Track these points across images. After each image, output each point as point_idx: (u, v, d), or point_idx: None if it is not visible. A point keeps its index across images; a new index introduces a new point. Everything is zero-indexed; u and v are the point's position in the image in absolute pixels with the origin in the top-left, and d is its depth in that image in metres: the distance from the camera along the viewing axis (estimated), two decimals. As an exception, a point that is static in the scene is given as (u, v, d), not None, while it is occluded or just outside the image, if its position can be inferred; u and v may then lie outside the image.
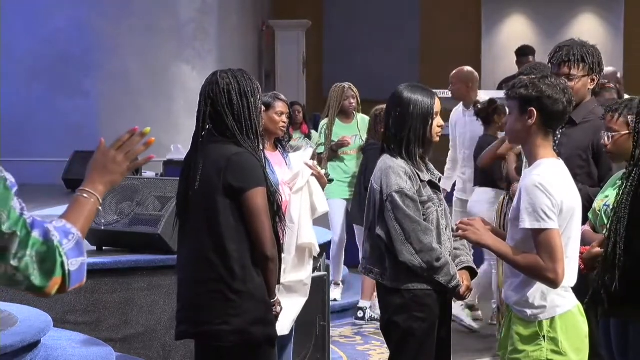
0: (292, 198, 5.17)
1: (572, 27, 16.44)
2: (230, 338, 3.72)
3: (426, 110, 4.20)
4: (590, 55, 4.69)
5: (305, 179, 5.24)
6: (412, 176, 4.13)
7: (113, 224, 5.94)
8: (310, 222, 5.28)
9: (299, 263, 5.21)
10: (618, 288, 3.65)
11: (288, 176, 5.23)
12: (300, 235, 5.16)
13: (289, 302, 5.13)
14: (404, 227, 4.06)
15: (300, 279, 5.22)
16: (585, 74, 4.69)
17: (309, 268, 5.30)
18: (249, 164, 3.75)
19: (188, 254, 3.83)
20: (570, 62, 4.66)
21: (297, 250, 5.16)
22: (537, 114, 3.51)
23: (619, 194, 3.74)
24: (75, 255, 2.31)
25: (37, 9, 13.48)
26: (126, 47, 13.38)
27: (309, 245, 5.22)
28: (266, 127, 5.21)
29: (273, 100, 5.27)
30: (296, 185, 5.19)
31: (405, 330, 4.13)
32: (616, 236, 3.67)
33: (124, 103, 13.35)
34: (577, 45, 4.71)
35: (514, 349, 3.55)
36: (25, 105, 13.43)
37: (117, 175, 2.53)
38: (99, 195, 2.48)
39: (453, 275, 4.12)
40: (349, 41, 16.93)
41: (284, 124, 5.29)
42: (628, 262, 3.64)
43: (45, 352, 4.77)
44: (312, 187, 5.28)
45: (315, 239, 5.30)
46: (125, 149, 2.56)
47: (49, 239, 2.27)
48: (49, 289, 2.28)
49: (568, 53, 4.67)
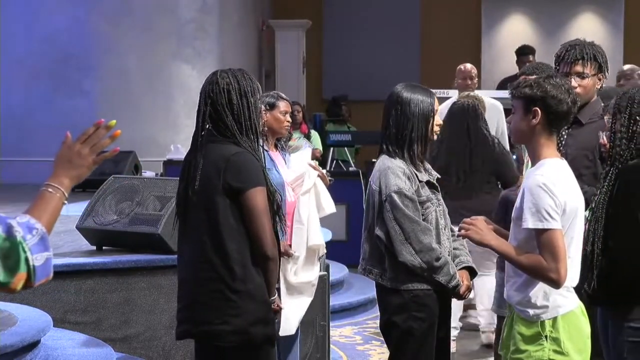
0: (301, 199, 5.20)
1: (572, 26, 16.43)
2: (230, 338, 3.72)
3: (427, 109, 4.19)
4: (600, 54, 4.72)
5: (313, 180, 5.26)
6: (410, 176, 4.13)
7: (113, 224, 5.94)
8: (319, 223, 5.30)
9: (308, 264, 5.24)
10: (596, 287, 3.66)
11: (290, 177, 5.24)
12: (310, 237, 5.19)
13: (296, 302, 5.15)
14: (403, 227, 4.06)
15: (309, 280, 5.25)
16: (595, 72, 4.71)
17: (316, 269, 5.33)
18: (249, 163, 3.74)
19: (188, 254, 3.82)
20: (584, 60, 4.67)
21: (307, 251, 5.19)
22: (541, 113, 3.51)
23: (597, 193, 3.75)
24: (39, 251, 2.30)
25: (37, 9, 13.47)
26: (126, 46, 13.38)
27: (318, 247, 5.25)
28: (270, 126, 5.24)
29: (276, 100, 5.29)
30: (304, 187, 5.22)
31: (404, 330, 4.13)
32: (594, 235, 3.69)
33: (124, 103, 13.35)
34: (587, 45, 4.73)
35: (516, 348, 3.55)
36: (25, 105, 13.43)
37: (82, 169, 2.52)
38: (64, 189, 2.46)
39: (453, 275, 4.11)
40: (349, 41, 16.93)
41: (288, 124, 5.32)
42: (605, 261, 3.65)
43: (45, 352, 4.77)
44: (318, 188, 5.32)
45: (323, 240, 5.34)
46: (91, 142, 2.55)
47: (12, 234, 2.26)
48: (13, 284, 2.28)
49: (581, 51, 4.69)
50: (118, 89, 13.37)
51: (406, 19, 17.01)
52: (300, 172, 5.26)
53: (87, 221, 6.05)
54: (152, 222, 5.80)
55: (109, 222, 5.95)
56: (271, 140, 5.32)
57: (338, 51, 17.02)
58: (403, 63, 16.64)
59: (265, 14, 16.50)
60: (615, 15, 16.67)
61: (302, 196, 5.21)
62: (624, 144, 3.70)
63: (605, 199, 3.68)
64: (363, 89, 15.98)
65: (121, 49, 13.37)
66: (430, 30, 16.91)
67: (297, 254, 5.13)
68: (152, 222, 5.80)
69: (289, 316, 5.14)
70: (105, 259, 5.74)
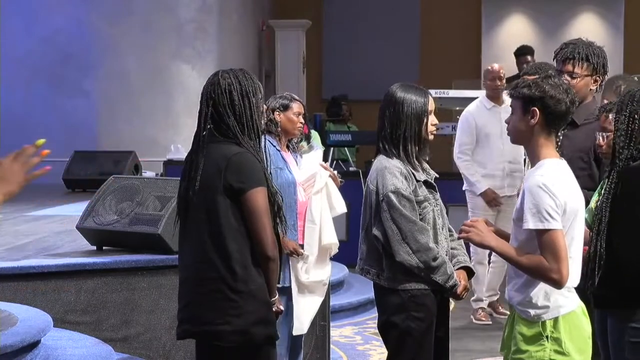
0: (313, 199, 5.25)
1: (572, 26, 16.43)
2: (231, 338, 3.71)
3: (420, 109, 4.20)
4: (595, 55, 4.68)
5: (324, 180, 5.32)
6: (407, 176, 4.13)
7: (113, 224, 5.94)
8: (331, 222, 5.35)
9: (320, 263, 5.28)
10: (601, 288, 3.66)
11: (301, 177, 5.29)
12: (323, 236, 5.24)
13: (308, 301, 5.19)
14: (401, 227, 4.06)
15: (321, 279, 5.30)
16: (588, 73, 4.68)
17: (328, 268, 5.38)
18: (249, 164, 3.74)
19: (189, 254, 3.82)
20: (575, 59, 4.65)
21: (320, 250, 5.23)
22: (539, 114, 3.51)
23: (600, 193, 3.75)
24: None
25: (37, 9, 13.47)
26: (126, 46, 13.38)
27: (331, 245, 5.30)
28: (284, 127, 5.34)
29: (290, 102, 5.39)
30: (315, 187, 5.27)
31: (403, 330, 4.13)
32: (597, 236, 3.68)
33: (124, 103, 13.35)
34: (583, 45, 4.71)
35: (517, 349, 3.55)
36: (25, 105, 13.43)
37: (14, 185, 2.56)
38: None
39: (450, 275, 4.11)
40: (349, 41, 16.93)
41: (301, 125, 5.39)
42: (608, 262, 3.65)
43: (45, 352, 4.77)
44: (329, 188, 5.37)
45: (337, 239, 5.38)
46: (21, 160, 2.59)
47: None
48: None
49: (573, 51, 4.67)
50: (118, 89, 13.37)
51: (406, 19, 17.02)
52: (312, 172, 5.32)
53: (87, 221, 6.06)
54: (152, 222, 5.81)
55: (109, 222, 5.96)
56: (284, 141, 5.38)
57: (338, 51, 17.03)
58: (403, 63, 16.64)
59: (265, 14, 16.50)
60: (615, 16, 16.67)
61: (314, 196, 5.26)
62: (623, 142, 3.71)
63: (608, 198, 3.68)
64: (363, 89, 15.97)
65: (121, 49, 13.37)
66: (430, 30, 16.91)
67: (307, 254, 5.17)
68: (152, 222, 5.80)
69: (300, 315, 5.17)
70: (106, 259, 5.75)
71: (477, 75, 16.60)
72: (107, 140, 13.17)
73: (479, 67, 16.73)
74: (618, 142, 3.72)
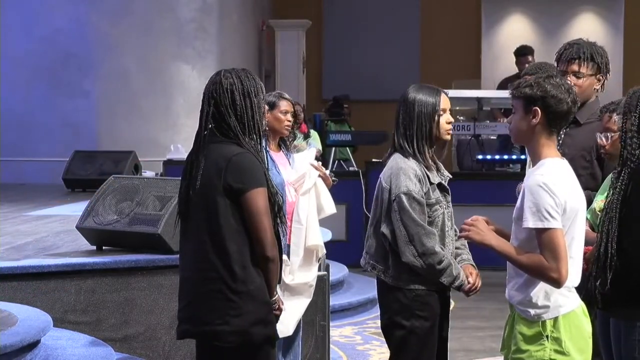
0: (300, 199, 5.18)
1: (572, 26, 16.44)
2: (230, 338, 3.71)
3: (430, 108, 4.22)
4: (599, 55, 4.70)
5: (313, 180, 5.25)
6: (422, 179, 4.16)
7: (113, 224, 5.94)
8: (317, 224, 5.28)
9: (306, 264, 5.22)
10: (610, 288, 3.64)
11: (292, 176, 5.23)
12: (308, 237, 5.17)
13: (294, 303, 5.13)
14: (408, 230, 4.09)
15: (306, 281, 5.23)
16: (592, 73, 4.70)
17: (314, 270, 5.31)
18: (249, 164, 3.73)
19: (189, 254, 3.81)
20: (580, 59, 4.66)
21: (305, 251, 5.16)
22: (541, 113, 3.51)
23: (609, 194, 3.73)
24: None
25: (37, 9, 13.47)
26: (126, 46, 13.38)
27: (316, 247, 5.23)
28: (271, 126, 5.23)
29: (277, 99, 5.29)
30: (304, 187, 5.20)
31: (407, 329, 4.14)
32: (607, 236, 3.67)
33: (124, 103, 13.35)
34: (586, 44, 4.72)
35: (517, 348, 3.55)
36: (25, 105, 13.42)
37: None
38: None
39: (456, 276, 4.13)
40: (349, 41, 16.94)
41: (289, 123, 5.30)
42: (619, 262, 3.63)
43: (45, 352, 4.76)
44: (319, 188, 5.29)
45: (322, 241, 5.31)
46: None
47: None
48: None
49: (578, 51, 4.68)
50: (118, 89, 13.37)
51: (406, 19, 17.03)
52: (302, 172, 5.25)
53: (87, 221, 6.05)
54: (152, 222, 5.80)
55: (109, 222, 5.95)
56: (273, 140, 5.31)
57: (338, 51, 17.04)
58: (403, 63, 16.66)
59: (265, 14, 16.50)
60: (615, 16, 16.68)
61: (301, 196, 5.19)
62: (635, 142, 3.68)
63: (619, 199, 3.66)
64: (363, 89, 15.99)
65: (121, 49, 13.37)
66: (430, 30, 16.92)
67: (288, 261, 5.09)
68: (152, 222, 5.79)
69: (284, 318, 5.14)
70: (105, 259, 5.74)
71: (477, 75, 16.63)
72: (107, 140, 13.17)
73: (479, 67, 16.75)
74: (629, 143, 3.69)
